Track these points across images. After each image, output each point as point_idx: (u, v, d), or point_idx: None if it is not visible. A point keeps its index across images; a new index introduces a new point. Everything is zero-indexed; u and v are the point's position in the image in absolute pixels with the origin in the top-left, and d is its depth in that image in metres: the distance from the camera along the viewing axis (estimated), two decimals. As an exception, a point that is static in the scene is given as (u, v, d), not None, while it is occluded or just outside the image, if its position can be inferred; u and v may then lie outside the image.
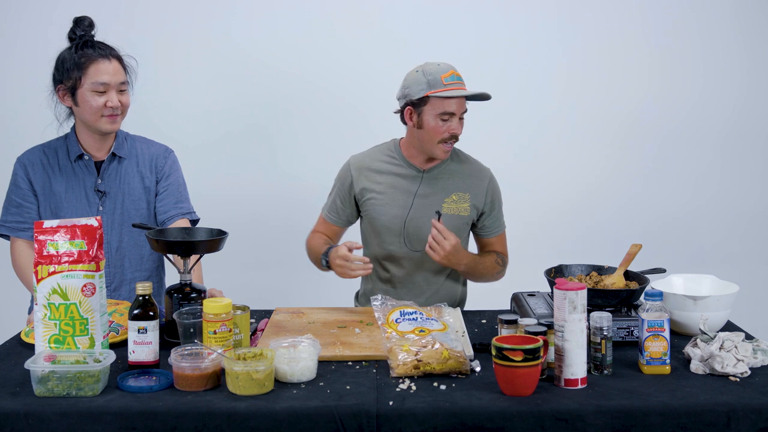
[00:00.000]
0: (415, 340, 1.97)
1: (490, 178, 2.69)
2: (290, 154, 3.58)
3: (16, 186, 2.52)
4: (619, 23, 3.82)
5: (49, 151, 2.54)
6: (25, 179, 2.51)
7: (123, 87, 2.45)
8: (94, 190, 2.52)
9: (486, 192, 2.66)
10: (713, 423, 1.70)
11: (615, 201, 3.90)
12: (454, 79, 2.51)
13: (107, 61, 2.41)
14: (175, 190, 2.61)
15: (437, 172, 2.66)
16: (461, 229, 2.64)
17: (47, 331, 1.90)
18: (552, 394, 1.78)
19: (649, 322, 1.90)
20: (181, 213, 2.60)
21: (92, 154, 2.54)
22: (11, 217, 2.51)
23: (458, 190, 2.64)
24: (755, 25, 3.85)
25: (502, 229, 2.73)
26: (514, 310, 2.39)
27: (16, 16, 3.63)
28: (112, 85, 2.42)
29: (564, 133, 3.88)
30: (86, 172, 2.53)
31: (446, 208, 2.62)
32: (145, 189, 2.57)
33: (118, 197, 2.54)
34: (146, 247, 2.58)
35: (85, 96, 2.42)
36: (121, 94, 2.45)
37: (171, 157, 2.64)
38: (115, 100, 2.42)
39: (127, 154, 2.56)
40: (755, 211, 3.94)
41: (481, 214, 2.67)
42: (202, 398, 1.76)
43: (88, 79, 2.40)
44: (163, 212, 2.59)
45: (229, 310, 1.93)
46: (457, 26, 3.79)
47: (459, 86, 2.51)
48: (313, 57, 3.76)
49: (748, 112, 3.90)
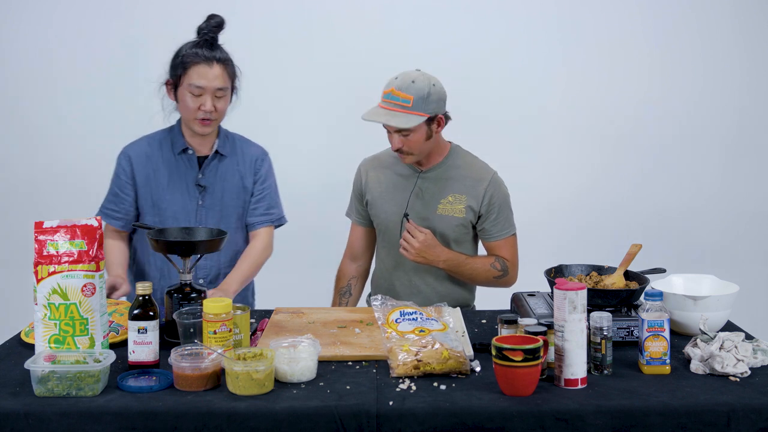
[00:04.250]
0: (415, 340, 1.97)
1: (491, 180, 2.66)
2: (290, 154, 3.58)
3: (117, 176, 2.58)
4: (618, 23, 3.82)
5: (154, 143, 2.58)
6: (126, 171, 2.56)
7: (220, 93, 2.46)
8: (195, 184, 2.56)
9: (484, 194, 2.64)
10: (713, 423, 1.70)
11: (615, 201, 3.90)
12: (384, 97, 2.54)
13: (208, 66, 2.43)
14: (269, 196, 2.66)
15: (436, 173, 2.66)
16: (456, 231, 2.64)
17: (47, 331, 1.90)
18: (552, 394, 1.78)
19: (649, 322, 1.90)
20: (270, 221, 2.65)
21: (196, 149, 2.57)
22: (108, 204, 2.58)
23: (454, 192, 2.64)
24: (755, 25, 3.85)
25: (506, 233, 2.69)
26: (514, 310, 2.39)
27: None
28: (207, 89, 2.43)
29: (564, 133, 3.88)
30: (188, 166, 2.56)
31: (441, 209, 2.63)
32: (243, 188, 2.61)
33: (217, 193, 2.58)
34: (240, 244, 2.64)
35: (183, 95, 2.46)
36: (218, 99, 2.46)
37: (267, 160, 2.68)
38: (209, 105, 2.44)
39: (229, 153, 2.60)
40: (755, 211, 3.94)
41: (479, 216, 2.67)
42: (202, 398, 1.76)
43: (187, 80, 2.44)
44: (253, 216, 2.63)
45: (229, 310, 1.92)
46: (457, 26, 3.79)
47: (378, 108, 2.53)
48: (313, 58, 3.77)
49: (748, 111, 3.90)
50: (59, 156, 3.80)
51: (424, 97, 2.48)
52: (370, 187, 2.72)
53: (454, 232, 2.64)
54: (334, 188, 3.71)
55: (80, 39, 3.75)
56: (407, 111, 2.48)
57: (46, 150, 3.81)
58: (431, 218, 2.64)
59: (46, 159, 3.82)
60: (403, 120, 2.48)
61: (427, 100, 2.49)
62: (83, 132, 3.78)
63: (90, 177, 3.70)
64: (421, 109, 2.49)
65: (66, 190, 3.78)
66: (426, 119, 2.50)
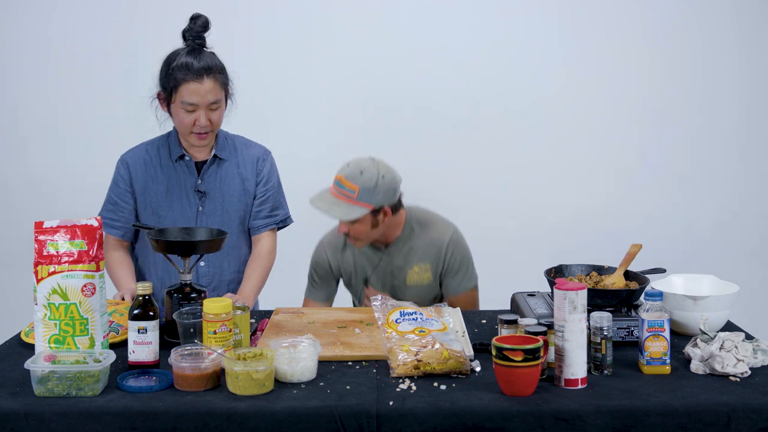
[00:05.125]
0: (415, 340, 1.97)
1: (449, 240, 2.71)
2: (289, 155, 3.58)
3: (115, 184, 2.55)
4: (618, 23, 3.82)
5: (152, 149, 2.55)
6: (124, 179, 2.53)
7: (214, 106, 2.42)
8: (194, 190, 2.53)
9: (445, 255, 2.70)
10: (713, 423, 1.70)
11: (615, 201, 3.90)
12: (334, 182, 2.58)
13: (198, 82, 2.36)
14: (272, 197, 2.62)
15: (396, 247, 2.71)
16: (427, 294, 2.72)
17: (47, 331, 1.90)
18: (552, 394, 1.78)
19: (649, 322, 1.90)
20: (274, 223, 2.63)
21: (193, 155, 2.54)
22: (106, 213, 2.54)
23: (418, 262, 2.71)
24: (755, 25, 3.85)
25: (466, 287, 2.73)
26: (514, 310, 2.39)
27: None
28: (201, 105, 2.39)
29: (564, 133, 3.88)
30: (187, 172, 2.53)
31: (410, 280, 2.70)
32: (244, 191, 2.58)
33: (217, 198, 2.54)
34: (243, 248, 2.62)
35: (177, 111, 2.42)
36: (212, 111, 2.42)
37: (270, 159, 2.64)
38: (204, 120, 2.40)
39: (227, 156, 2.56)
40: (755, 211, 3.95)
41: (441, 274, 2.72)
42: (202, 398, 1.76)
43: (179, 98, 2.39)
44: (256, 219, 2.61)
45: (229, 310, 1.92)
46: (457, 26, 3.79)
47: (327, 193, 2.59)
48: (313, 58, 3.77)
49: (748, 112, 3.90)
50: (59, 156, 3.81)
51: (370, 189, 2.50)
52: (341, 268, 2.78)
53: (426, 296, 2.71)
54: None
55: (80, 39, 3.75)
56: (352, 201, 2.51)
57: (46, 150, 3.81)
58: (405, 290, 2.70)
59: (46, 159, 3.82)
60: (345, 211, 2.51)
61: (374, 192, 2.51)
62: (83, 132, 3.78)
63: (90, 177, 3.70)
64: (366, 200, 2.51)
65: (66, 190, 3.78)
66: (370, 211, 2.52)
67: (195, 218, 2.52)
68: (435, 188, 3.82)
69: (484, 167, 3.81)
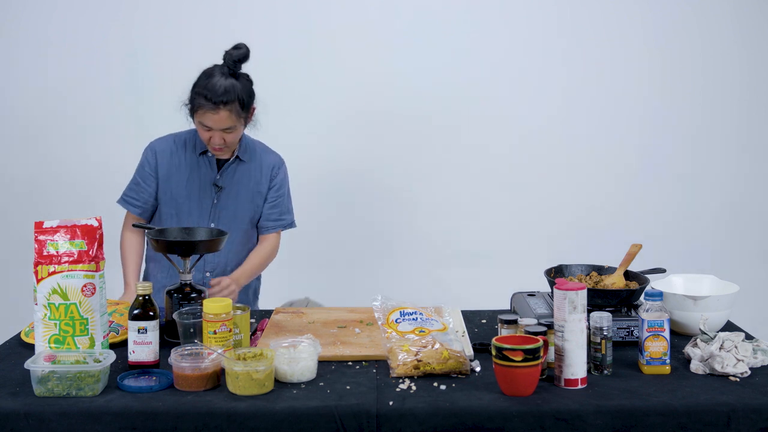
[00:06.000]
0: (415, 340, 1.97)
1: None
2: (289, 156, 3.59)
3: (141, 167, 2.71)
4: (618, 23, 3.82)
5: (179, 141, 2.71)
6: (150, 164, 2.69)
7: (229, 131, 2.55)
8: (212, 184, 2.67)
9: None
10: (713, 423, 1.70)
11: (615, 201, 3.90)
12: None
13: (214, 112, 2.49)
14: (282, 203, 2.79)
15: None
16: None
17: (47, 331, 1.90)
18: (552, 394, 1.78)
19: (649, 322, 1.90)
20: (282, 226, 2.80)
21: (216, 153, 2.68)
22: (129, 191, 2.71)
23: None
24: (755, 25, 3.85)
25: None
26: (514, 310, 2.39)
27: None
28: (215, 129, 2.54)
29: (564, 133, 3.88)
30: (208, 166, 2.68)
31: None
32: (258, 193, 2.73)
33: (232, 194, 2.70)
34: (253, 244, 2.78)
35: (197, 124, 2.58)
36: (227, 134, 2.56)
37: (283, 169, 2.80)
38: (217, 141, 2.56)
39: (248, 159, 2.72)
40: (755, 211, 3.94)
41: None
42: (202, 398, 1.76)
43: (197, 117, 2.55)
44: (266, 220, 2.77)
45: (229, 310, 1.93)
46: (457, 28, 3.79)
47: None
48: (314, 58, 3.77)
49: (748, 111, 3.89)
50: (59, 156, 3.80)
51: None
52: None
53: None
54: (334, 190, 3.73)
55: (80, 39, 3.74)
56: None
57: (46, 150, 3.81)
58: None
59: (46, 159, 3.82)
60: None
61: None
62: (83, 132, 3.78)
63: (90, 177, 3.71)
64: None
65: (66, 190, 3.78)
66: None
67: (210, 210, 2.68)
68: (435, 188, 3.83)
69: (485, 167, 3.81)
